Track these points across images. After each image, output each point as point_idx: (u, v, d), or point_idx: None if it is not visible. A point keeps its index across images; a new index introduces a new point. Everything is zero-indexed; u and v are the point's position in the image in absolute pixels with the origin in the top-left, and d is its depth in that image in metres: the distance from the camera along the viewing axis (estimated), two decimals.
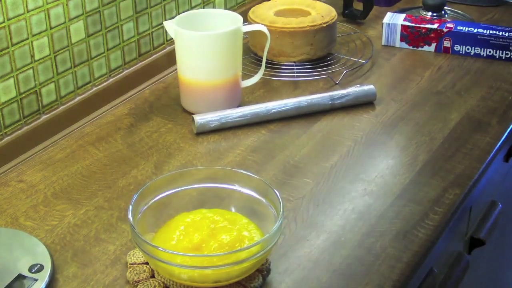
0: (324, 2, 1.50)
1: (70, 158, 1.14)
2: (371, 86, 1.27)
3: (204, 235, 0.86)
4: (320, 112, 1.24)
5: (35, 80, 1.16)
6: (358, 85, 1.28)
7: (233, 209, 0.94)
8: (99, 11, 1.24)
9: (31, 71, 1.14)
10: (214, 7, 1.52)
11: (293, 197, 1.03)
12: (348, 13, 1.61)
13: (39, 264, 0.88)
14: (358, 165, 1.11)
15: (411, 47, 1.49)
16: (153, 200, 0.92)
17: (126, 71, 1.34)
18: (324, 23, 1.39)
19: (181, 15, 1.25)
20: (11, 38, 1.10)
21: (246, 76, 1.30)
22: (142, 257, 0.89)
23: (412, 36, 1.48)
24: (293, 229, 0.97)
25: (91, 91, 1.27)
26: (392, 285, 0.88)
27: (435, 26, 1.46)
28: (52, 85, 1.19)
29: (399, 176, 1.08)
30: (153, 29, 1.38)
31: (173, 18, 1.25)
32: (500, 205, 1.36)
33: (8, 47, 1.10)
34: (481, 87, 1.33)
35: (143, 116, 1.25)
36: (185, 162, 1.12)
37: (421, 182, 1.06)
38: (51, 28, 1.16)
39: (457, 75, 1.38)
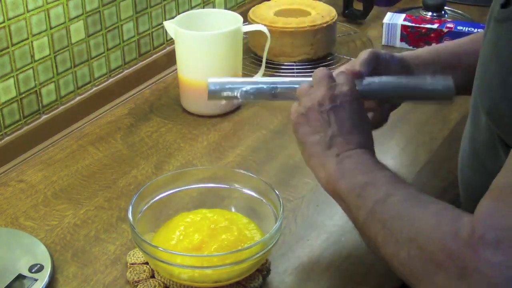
0: (324, 2, 1.50)
1: (70, 158, 1.14)
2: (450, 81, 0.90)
3: (204, 236, 0.86)
4: None
5: (35, 80, 1.16)
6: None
7: (233, 209, 0.94)
8: (99, 11, 1.24)
9: (31, 71, 1.14)
10: (214, 7, 1.52)
11: (293, 197, 1.03)
12: (348, 13, 1.61)
13: (39, 264, 0.88)
14: None
15: (411, 47, 1.49)
16: (153, 200, 0.92)
17: (126, 71, 1.34)
18: (324, 23, 1.39)
19: (181, 15, 1.26)
20: (11, 38, 1.09)
21: (246, 76, 1.30)
22: (142, 257, 0.89)
23: (412, 36, 1.48)
24: (293, 229, 0.97)
25: (91, 91, 1.27)
26: (392, 285, 0.88)
27: (435, 26, 1.46)
28: (52, 85, 1.19)
29: None
30: (153, 29, 1.38)
31: (173, 18, 1.25)
32: None
33: (8, 47, 1.09)
34: None
35: (143, 116, 1.25)
36: (185, 162, 1.12)
37: (421, 182, 1.06)
38: (51, 28, 1.16)
39: None
